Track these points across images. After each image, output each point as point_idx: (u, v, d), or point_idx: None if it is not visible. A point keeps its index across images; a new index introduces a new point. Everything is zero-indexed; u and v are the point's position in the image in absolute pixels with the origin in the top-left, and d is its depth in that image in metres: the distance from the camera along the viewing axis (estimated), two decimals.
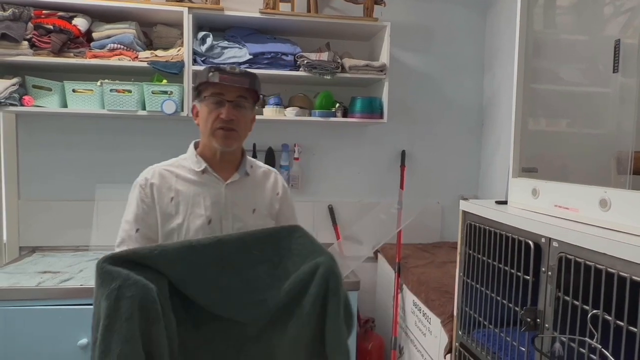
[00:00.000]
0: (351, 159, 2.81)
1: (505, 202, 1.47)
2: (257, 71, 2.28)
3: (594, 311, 0.95)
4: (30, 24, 2.11)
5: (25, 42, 2.10)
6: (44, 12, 2.14)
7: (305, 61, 2.33)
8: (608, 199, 1.03)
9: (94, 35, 2.23)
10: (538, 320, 1.14)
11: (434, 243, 2.86)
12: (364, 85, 2.71)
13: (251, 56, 2.30)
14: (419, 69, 2.83)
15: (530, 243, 1.17)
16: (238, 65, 2.30)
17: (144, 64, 2.21)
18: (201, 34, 2.30)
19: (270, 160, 2.66)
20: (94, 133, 2.53)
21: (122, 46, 2.20)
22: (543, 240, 1.14)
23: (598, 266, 0.94)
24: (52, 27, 2.12)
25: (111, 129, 2.54)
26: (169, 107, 2.19)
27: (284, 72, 2.35)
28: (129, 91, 2.20)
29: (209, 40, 2.29)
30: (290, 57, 2.36)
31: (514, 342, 1.25)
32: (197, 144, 1.42)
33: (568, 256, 1.04)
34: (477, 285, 1.45)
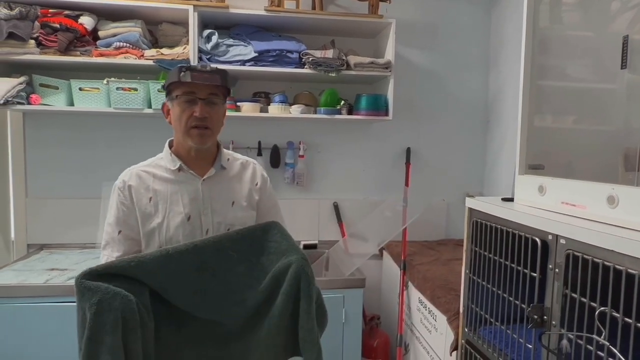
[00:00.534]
0: (356, 156, 2.81)
1: (511, 199, 1.47)
2: (262, 69, 2.31)
3: (602, 308, 0.95)
4: (37, 23, 2.12)
5: (32, 41, 2.11)
6: (50, 10, 2.15)
7: (311, 59, 2.33)
8: (616, 196, 1.03)
9: (100, 33, 2.24)
10: (545, 317, 1.14)
11: (439, 240, 2.86)
12: (369, 83, 2.71)
13: (256, 54, 2.30)
14: (424, 66, 2.82)
15: (537, 240, 1.17)
16: (244, 63, 2.30)
17: (150, 62, 2.22)
18: (206, 32, 2.31)
19: (275, 157, 2.66)
20: (101, 131, 2.55)
21: (128, 44, 2.21)
22: (550, 237, 1.14)
23: (606, 263, 0.94)
24: (58, 26, 2.13)
25: (117, 127, 2.56)
26: None
27: (289, 70, 2.36)
28: (135, 89, 2.21)
29: (214, 38, 2.29)
30: (295, 55, 2.36)
31: (520, 339, 1.25)
32: (171, 143, 1.43)
33: (576, 253, 1.04)
34: (483, 283, 1.45)
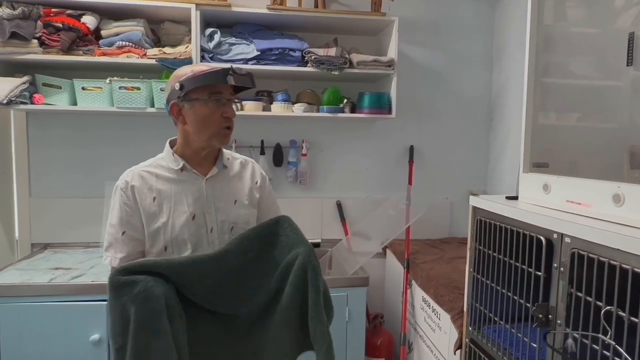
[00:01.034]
0: (359, 155, 2.80)
1: (515, 198, 1.46)
2: (264, 67, 2.31)
3: (608, 307, 0.94)
4: (39, 22, 2.12)
5: (35, 41, 2.11)
6: (53, 10, 2.15)
7: (313, 57, 2.33)
8: (622, 194, 1.02)
9: (103, 32, 2.24)
10: (550, 316, 1.14)
11: (443, 239, 2.85)
12: (371, 81, 2.70)
13: (259, 52, 2.30)
14: (427, 64, 2.81)
15: (542, 239, 1.16)
16: (246, 61, 2.30)
17: (152, 61, 2.22)
18: (209, 30, 2.30)
19: (278, 156, 2.66)
20: (104, 130, 2.55)
21: (130, 43, 2.21)
22: (555, 236, 1.13)
23: (612, 262, 0.94)
24: (61, 25, 2.13)
25: (120, 126, 2.56)
26: None
27: (292, 68, 2.35)
28: (138, 88, 2.21)
29: (217, 37, 2.29)
30: (297, 53, 2.36)
31: (525, 338, 1.24)
32: (172, 142, 1.43)
33: (581, 252, 1.03)
34: (488, 281, 1.44)
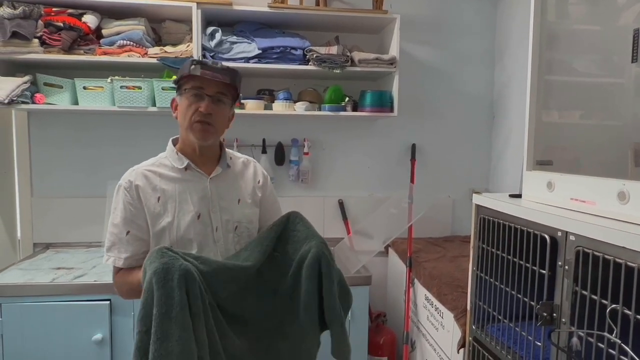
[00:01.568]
0: (361, 153, 2.80)
1: (519, 196, 1.45)
2: (266, 66, 2.30)
3: (613, 305, 0.93)
4: (40, 22, 2.12)
5: (36, 40, 2.11)
6: (53, 9, 2.15)
7: (315, 55, 2.32)
8: (627, 192, 1.01)
9: (104, 32, 2.24)
10: (554, 314, 1.13)
11: (445, 237, 2.84)
12: (373, 79, 2.69)
13: (260, 51, 2.29)
14: (429, 62, 2.80)
15: (546, 237, 1.15)
16: (247, 60, 2.30)
17: (154, 60, 2.21)
18: (210, 29, 2.30)
19: (280, 155, 2.65)
20: (105, 130, 2.55)
21: (131, 43, 2.21)
22: (559, 233, 1.13)
23: (617, 260, 0.93)
24: (62, 25, 2.13)
25: (122, 126, 2.56)
26: None
27: (293, 67, 2.34)
28: (139, 87, 2.21)
29: (218, 36, 2.28)
30: (299, 52, 2.35)
31: (529, 337, 1.24)
32: (174, 141, 1.42)
33: (586, 250, 1.02)
34: (491, 280, 1.44)
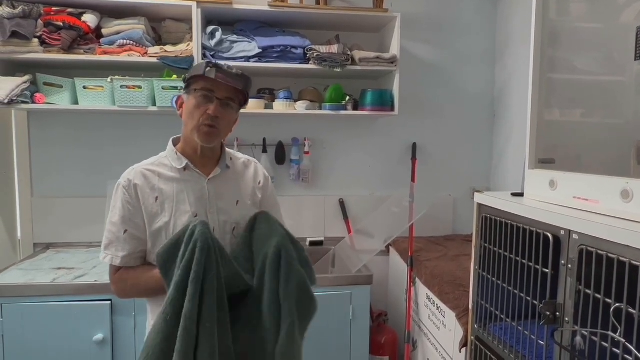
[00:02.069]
0: (362, 152, 2.79)
1: (521, 195, 1.45)
2: (266, 65, 2.30)
3: (617, 304, 0.93)
4: (40, 21, 2.12)
5: (36, 40, 2.11)
6: (53, 9, 2.14)
7: (315, 54, 2.31)
8: (630, 190, 1.01)
9: (104, 31, 2.23)
10: (557, 313, 1.13)
11: (446, 236, 2.84)
12: (374, 78, 2.69)
13: (260, 50, 2.29)
14: (430, 60, 2.80)
15: (549, 235, 1.15)
16: (248, 59, 2.29)
17: (154, 60, 2.21)
18: (210, 28, 2.29)
19: (281, 154, 2.65)
20: (105, 129, 2.54)
21: (131, 42, 2.20)
22: (562, 232, 1.12)
23: (621, 258, 0.92)
24: (62, 24, 2.12)
25: (122, 125, 2.55)
26: None
27: (294, 66, 2.34)
28: (139, 87, 2.20)
29: (218, 35, 2.27)
30: (299, 51, 2.35)
31: (532, 336, 1.23)
32: (175, 141, 1.42)
33: (589, 248, 1.02)
34: (493, 279, 1.43)
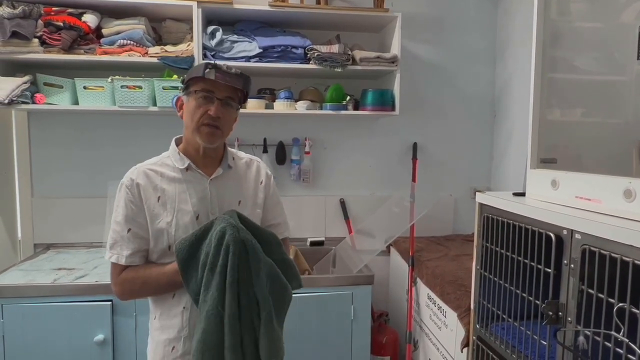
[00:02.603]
0: (363, 152, 2.79)
1: (523, 194, 1.45)
2: (267, 65, 2.29)
3: (621, 304, 0.93)
4: (40, 22, 2.11)
5: (36, 40, 2.10)
6: (53, 9, 2.14)
7: (316, 54, 2.31)
8: (633, 190, 1.00)
9: (104, 31, 2.23)
10: (560, 313, 1.12)
11: (447, 236, 2.84)
12: (375, 78, 2.68)
13: (261, 50, 2.28)
14: (431, 60, 2.79)
15: (552, 235, 1.15)
16: (248, 59, 2.29)
17: (154, 60, 2.21)
18: (210, 28, 2.29)
19: (281, 154, 2.64)
20: (106, 130, 2.54)
21: (131, 42, 2.20)
22: (565, 232, 1.12)
23: (624, 258, 0.92)
24: (62, 24, 2.12)
25: (122, 126, 2.54)
26: None
27: (294, 66, 2.33)
28: (140, 87, 2.20)
29: (219, 35, 2.27)
30: (300, 50, 2.34)
31: (534, 336, 1.23)
32: (177, 141, 1.42)
33: (592, 248, 1.02)
34: (495, 279, 1.43)
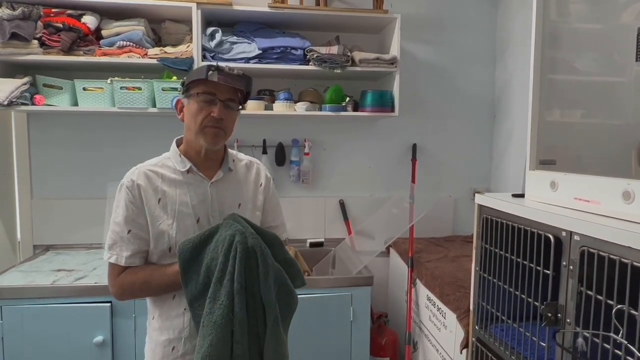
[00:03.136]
0: (362, 153, 2.79)
1: (522, 196, 1.45)
2: (266, 66, 2.30)
3: (619, 306, 0.93)
4: (39, 23, 2.11)
5: (35, 41, 2.10)
6: (53, 10, 2.14)
7: (315, 55, 2.31)
8: (632, 191, 1.00)
9: (103, 32, 2.23)
10: (559, 315, 1.12)
11: (447, 237, 2.84)
12: (374, 79, 2.68)
13: (260, 51, 2.28)
14: (430, 61, 2.80)
15: (550, 237, 1.15)
16: (248, 60, 2.29)
17: (154, 61, 2.21)
18: (210, 29, 2.29)
19: (281, 155, 2.64)
20: (105, 131, 2.54)
21: (131, 43, 2.20)
22: (564, 233, 1.12)
23: (623, 260, 0.92)
24: (61, 26, 2.12)
25: (122, 127, 2.55)
26: None
27: (294, 67, 2.34)
28: (139, 88, 2.20)
29: (218, 36, 2.27)
30: (299, 52, 2.34)
31: (533, 337, 1.23)
32: (178, 142, 1.42)
33: (591, 250, 1.02)
34: (494, 280, 1.43)
